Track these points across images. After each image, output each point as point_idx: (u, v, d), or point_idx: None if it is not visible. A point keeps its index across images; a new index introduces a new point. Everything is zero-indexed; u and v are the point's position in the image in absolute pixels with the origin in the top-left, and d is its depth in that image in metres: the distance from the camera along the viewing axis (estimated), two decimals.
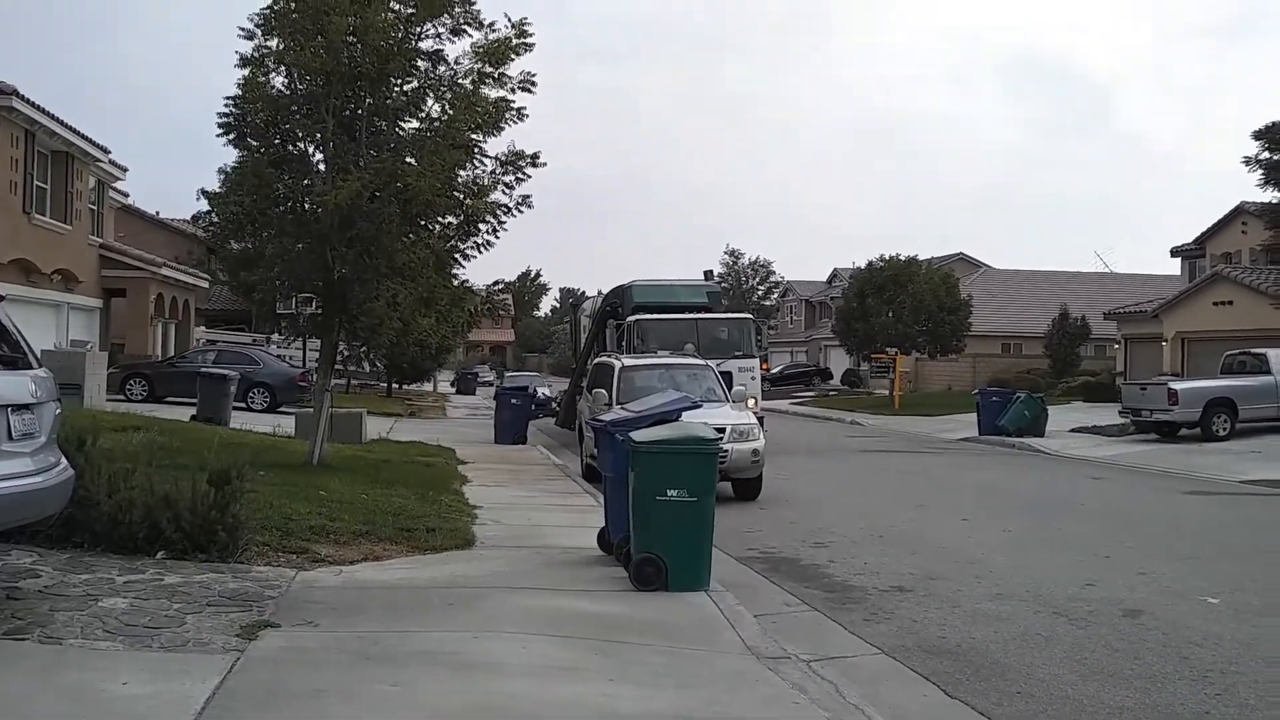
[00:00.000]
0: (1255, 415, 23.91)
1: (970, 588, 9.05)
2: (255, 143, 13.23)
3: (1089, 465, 21.05)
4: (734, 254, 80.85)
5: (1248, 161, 31.81)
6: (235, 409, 22.36)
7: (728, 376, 17.73)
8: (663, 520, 7.96)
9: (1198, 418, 23.77)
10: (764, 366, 25.10)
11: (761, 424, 16.24)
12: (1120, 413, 26.11)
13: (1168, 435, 24.51)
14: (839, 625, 7.80)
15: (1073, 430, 27.30)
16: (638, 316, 21.77)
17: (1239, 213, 36.92)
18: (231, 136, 13.15)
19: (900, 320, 46.56)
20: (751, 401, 19.49)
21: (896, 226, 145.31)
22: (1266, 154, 31.38)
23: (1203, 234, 39.36)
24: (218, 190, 13.23)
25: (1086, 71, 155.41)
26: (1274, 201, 32.70)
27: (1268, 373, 24.19)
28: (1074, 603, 8.45)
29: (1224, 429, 23.67)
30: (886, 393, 44.23)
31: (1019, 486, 17.69)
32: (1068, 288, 55.53)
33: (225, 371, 22.67)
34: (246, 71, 12.88)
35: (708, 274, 27.88)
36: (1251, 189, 32.57)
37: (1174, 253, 41.85)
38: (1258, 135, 31.62)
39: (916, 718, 5.74)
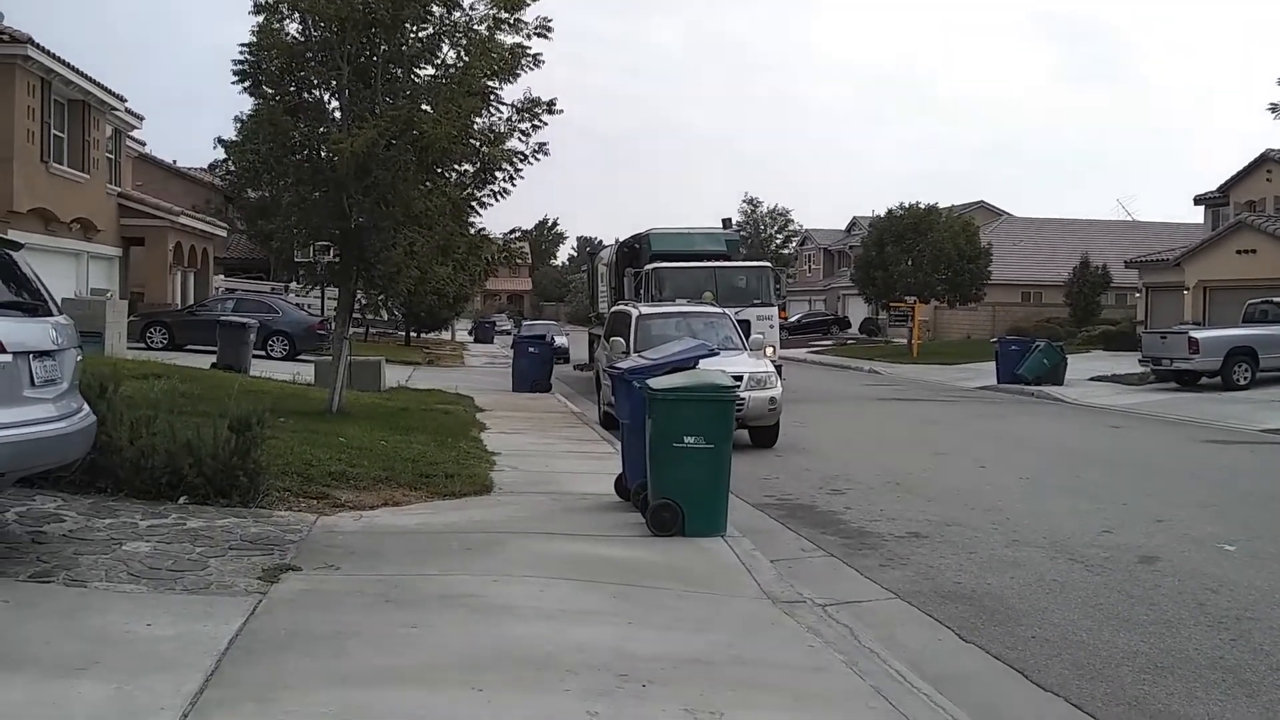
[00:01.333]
0: (1276, 364, 23.78)
1: (986, 534, 9.07)
2: (271, 90, 13.14)
3: (1108, 413, 20.98)
4: (752, 202, 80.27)
5: (1274, 108, 31.42)
6: (254, 357, 22.49)
7: (745, 325, 17.70)
8: (680, 467, 7.99)
9: (1218, 366, 23.67)
10: (782, 315, 25.04)
11: (779, 372, 16.24)
12: (1140, 361, 25.97)
13: (1188, 384, 24.40)
14: (855, 570, 7.83)
15: (1092, 379, 27.20)
16: (655, 265, 21.69)
17: (1264, 160, 36.37)
18: (247, 84, 13.07)
19: (919, 269, 46.18)
20: (769, 350, 19.44)
21: (916, 175, 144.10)
22: None
23: (1227, 182, 38.81)
24: (234, 139, 13.19)
25: (1110, 17, 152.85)
26: None
27: None
28: (1090, 549, 8.47)
29: (1245, 378, 23.57)
30: (905, 341, 44.11)
31: (1037, 434, 17.65)
32: (1089, 236, 54.93)
33: (244, 320, 22.75)
34: (261, 18, 12.78)
35: (726, 222, 27.68)
36: (1277, 136, 32.22)
37: (1197, 201, 41.32)
38: None
39: (931, 661, 5.77)
